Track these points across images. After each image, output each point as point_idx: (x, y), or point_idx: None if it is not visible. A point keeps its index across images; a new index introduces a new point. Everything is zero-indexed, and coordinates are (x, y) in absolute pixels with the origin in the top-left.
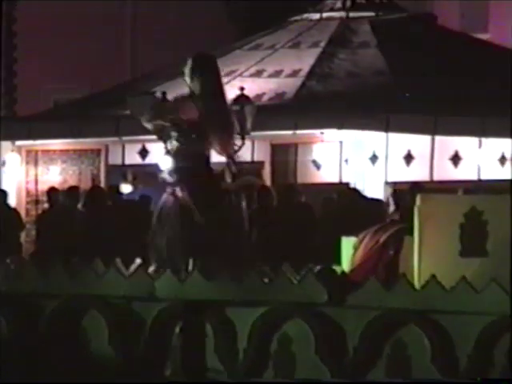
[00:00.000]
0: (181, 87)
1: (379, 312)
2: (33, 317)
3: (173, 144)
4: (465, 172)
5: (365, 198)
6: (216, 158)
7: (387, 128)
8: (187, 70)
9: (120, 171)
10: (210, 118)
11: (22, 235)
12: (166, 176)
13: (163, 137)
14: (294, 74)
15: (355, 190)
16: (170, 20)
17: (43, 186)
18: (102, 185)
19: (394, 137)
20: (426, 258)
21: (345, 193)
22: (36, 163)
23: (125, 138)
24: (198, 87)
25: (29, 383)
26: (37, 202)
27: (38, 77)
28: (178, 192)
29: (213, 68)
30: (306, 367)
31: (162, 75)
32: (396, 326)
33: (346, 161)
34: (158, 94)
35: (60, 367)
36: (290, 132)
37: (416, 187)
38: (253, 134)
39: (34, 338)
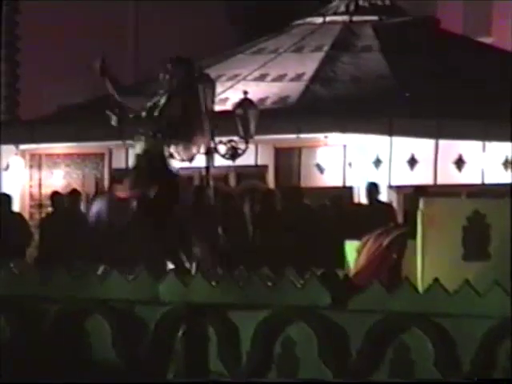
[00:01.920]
0: None
1: (382, 315)
2: (36, 320)
3: None
4: (469, 176)
5: (377, 200)
6: (220, 161)
7: (391, 132)
8: (167, 72)
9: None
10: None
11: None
12: None
13: None
14: (298, 77)
15: (375, 186)
16: (172, 23)
17: (47, 190)
18: (106, 189)
19: (398, 141)
20: (429, 261)
21: (338, 198)
22: (40, 167)
23: (128, 142)
24: (175, 87)
25: (29, 383)
26: (40, 205)
27: (41, 80)
28: None
29: (190, 71)
30: (309, 370)
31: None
32: (399, 330)
33: (350, 164)
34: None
35: (63, 370)
36: (293, 136)
37: (419, 191)
38: (256, 137)
39: (38, 341)
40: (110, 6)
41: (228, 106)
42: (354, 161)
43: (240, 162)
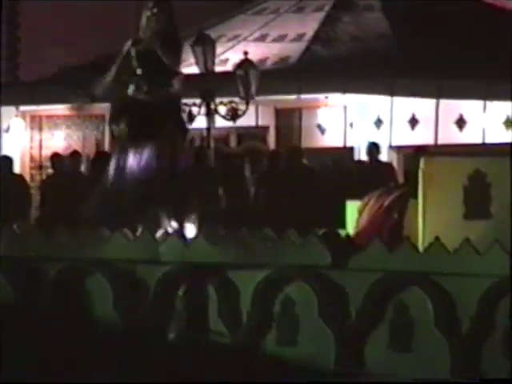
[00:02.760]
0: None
1: (382, 274)
2: (38, 280)
3: None
4: (470, 135)
5: (377, 160)
6: (221, 122)
7: (392, 92)
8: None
9: None
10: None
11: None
12: None
13: None
14: (298, 38)
15: (376, 146)
16: None
17: (47, 152)
18: (107, 149)
19: (399, 101)
20: (430, 220)
21: (340, 159)
22: (40, 128)
23: None
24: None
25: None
26: (41, 167)
27: (42, 42)
28: None
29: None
30: (309, 329)
31: None
32: (399, 289)
33: (351, 125)
34: None
35: (64, 330)
36: (294, 96)
37: (421, 151)
38: (257, 98)
39: (39, 300)
40: None
41: (228, 67)
42: (354, 121)
43: (241, 122)
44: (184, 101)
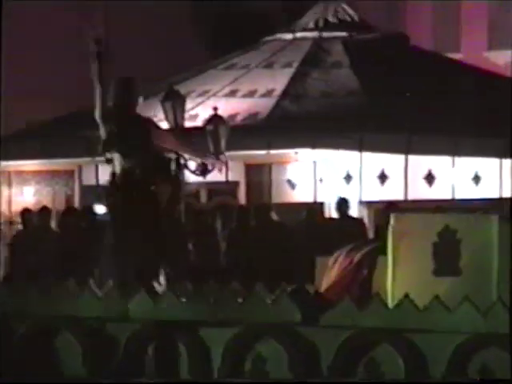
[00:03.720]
0: (151, 108)
1: (353, 331)
2: (6, 338)
3: None
4: (439, 191)
5: (347, 216)
6: (190, 177)
7: (361, 147)
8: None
9: (94, 191)
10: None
11: None
12: None
13: None
14: (268, 94)
15: (345, 202)
16: (142, 43)
17: (17, 207)
18: (77, 205)
19: (368, 156)
20: (400, 277)
21: (313, 213)
22: (9, 184)
23: (98, 159)
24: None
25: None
26: (11, 223)
27: (10, 97)
28: None
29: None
30: None
31: None
32: (370, 346)
33: (321, 180)
34: None
35: None
36: (263, 152)
37: (391, 207)
38: (227, 154)
39: (7, 358)
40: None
41: (198, 123)
42: (324, 176)
43: (211, 178)
44: None
